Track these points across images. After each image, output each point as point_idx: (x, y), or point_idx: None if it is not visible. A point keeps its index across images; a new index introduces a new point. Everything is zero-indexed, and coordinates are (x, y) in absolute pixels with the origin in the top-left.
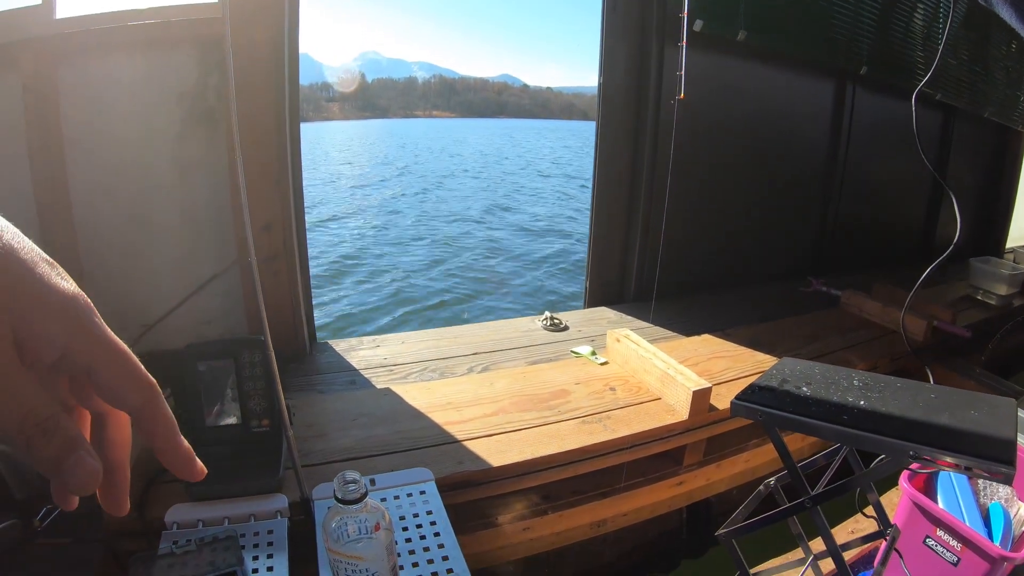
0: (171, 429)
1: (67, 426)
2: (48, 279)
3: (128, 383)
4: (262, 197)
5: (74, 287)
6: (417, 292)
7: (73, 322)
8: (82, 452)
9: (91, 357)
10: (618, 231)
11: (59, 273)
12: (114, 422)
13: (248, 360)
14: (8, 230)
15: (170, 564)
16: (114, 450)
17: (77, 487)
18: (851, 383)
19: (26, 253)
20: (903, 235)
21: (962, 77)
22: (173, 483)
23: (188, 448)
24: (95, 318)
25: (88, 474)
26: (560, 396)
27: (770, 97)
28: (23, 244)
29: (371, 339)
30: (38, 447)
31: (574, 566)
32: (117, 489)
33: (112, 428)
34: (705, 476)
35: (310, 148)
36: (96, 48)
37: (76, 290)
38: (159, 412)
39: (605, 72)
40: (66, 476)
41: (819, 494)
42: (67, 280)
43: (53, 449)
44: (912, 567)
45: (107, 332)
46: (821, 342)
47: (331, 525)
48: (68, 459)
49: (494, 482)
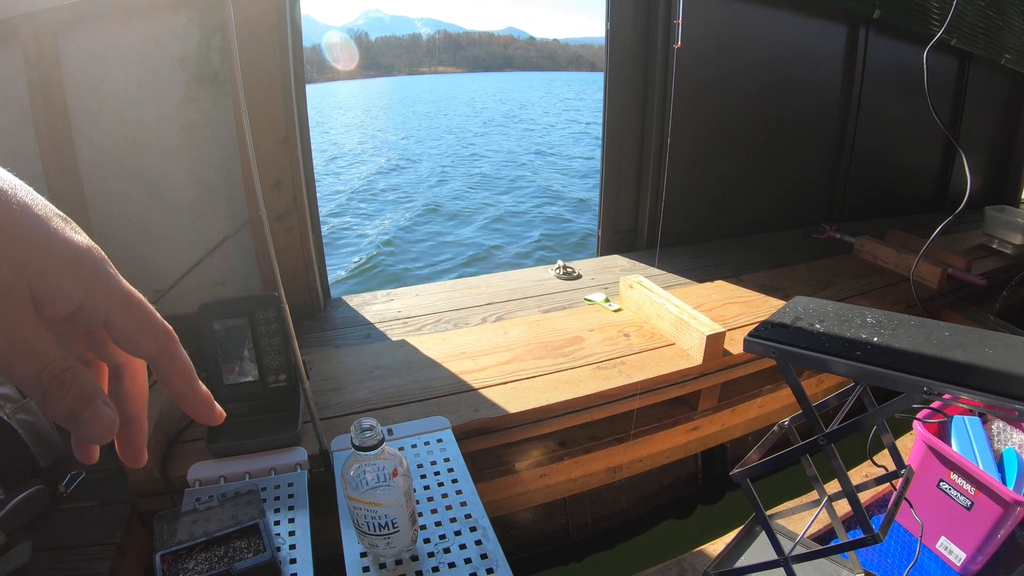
0: (189, 374)
1: (84, 378)
2: (62, 233)
3: (144, 331)
4: (270, 155)
5: (87, 240)
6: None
7: (88, 274)
8: (99, 403)
9: (107, 308)
10: (629, 179)
11: (73, 227)
12: (130, 374)
13: (263, 317)
14: (21, 187)
15: (193, 520)
16: (131, 402)
17: (94, 438)
18: (864, 320)
19: (40, 209)
20: (917, 182)
21: (978, 23)
22: (194, 442)
23: (207, 392)
24: (109, 269)
25: (105, 425)
26: (574, 343)
27: (782, 42)
28: (36, 200)
29: (385, 293)
30: (55, 399)
31: (590, 512)
32: (134, 440)
33: (129, 380)
34: (720, 421)
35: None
36: (96, 17)
37: (90, 243)
38: (176, 358)
39: (613, 20)
40: (83, 427)
41: (833, 431)
42: (80, 234)
43: (69, 401)
44: (925, 511)
45: (121, 282)
46: (834, 288)
47: (349, 473)
48: (85, 410)
49: (510, 429)
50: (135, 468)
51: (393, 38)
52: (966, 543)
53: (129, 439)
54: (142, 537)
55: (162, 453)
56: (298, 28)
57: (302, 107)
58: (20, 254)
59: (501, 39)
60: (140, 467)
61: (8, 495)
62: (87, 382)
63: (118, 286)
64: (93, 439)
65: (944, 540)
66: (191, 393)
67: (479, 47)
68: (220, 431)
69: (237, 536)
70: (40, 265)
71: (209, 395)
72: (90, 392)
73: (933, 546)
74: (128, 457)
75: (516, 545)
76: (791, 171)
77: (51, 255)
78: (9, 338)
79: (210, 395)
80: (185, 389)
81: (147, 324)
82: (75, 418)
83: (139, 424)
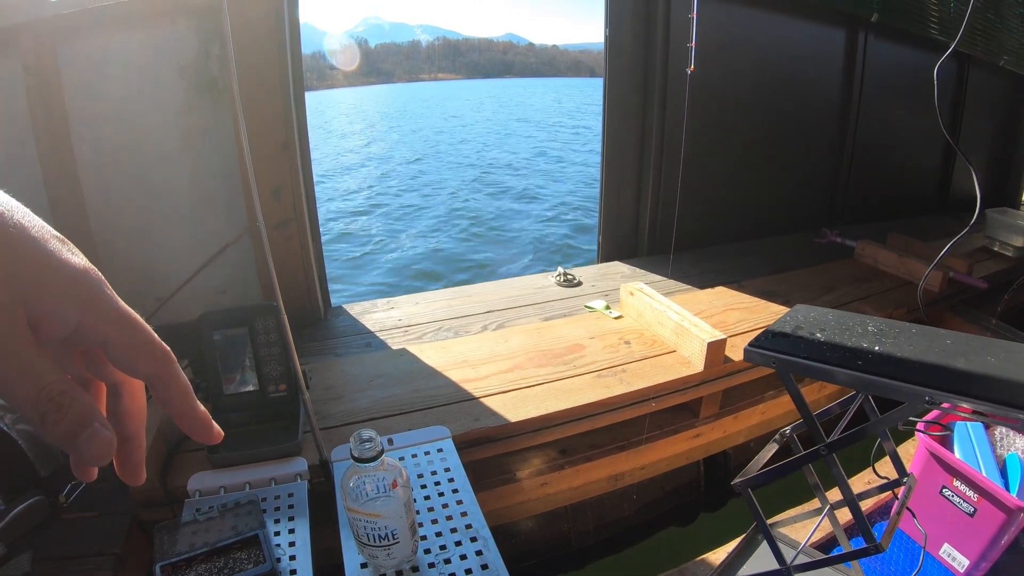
0: (187, 394)
1: (81, 400)
2: (59, 255)
3: (142, 352)
4: (269, 163)
5: (84, 261)
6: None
7: (85, 296)
8: (96, 425)
9: (104, 329)
10: (630, 185)
11: (70, 249)
12: (128, 393)
13: (263, 326)
14: (18, 209)
15: (194, 531)
16: (129, 421)
17: (92, 459)
18: (865, 329)
19: (36, 231)
20: (918, 184)
21: (977, 24)
22: (194, 452)
23: (204, 412)
24: (106, 290)
25: (102, 446)
26: (575, 351)
27: (780, 46)
28: (33, 223)
29: (385, 301)
30: (53, 422)
31: (592, 520)
32: (133, 458)
33: (127, 399)
34: (722, 428)
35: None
36: (95, 25)
37: (86, 264)
38: (174, 378)
39: (611, 25)
40: (81, 449)
41: (834, 441)
42: (77, 255)
43: (67, 423)
44: (928, 518)
45: (118, 303)
46: (836, 293)
47: (349, 484)
48: (82, 433)
49: (511, 437)
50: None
51: (392, 45)
52: (969, 550)
53: (128, 457)
54: (142, 547)
55: (162, 463)
56: (297, 33)
57: (301, 113)
58: (17, 276)
59: (500, 45)
60: (139, 484)
61: (8, 505)
62: (84, 404)
63: (115, 307)
64: (91, 460)
65: (947, 547)
66: (189, 413)
67: (478, 53)
68: (220, 441)
69: (237, 547)
70: (37, 287)
71: (207, 414)
72: (87, 414)
73: (936, 553)
74: (127, 475)
75: (517, 554)
76: (791, 175)
77: (48, 277)
78: (6, 360)
79: (208, 414)
80: (183, 409)
81: (144, 345)
82: (73, 440)
83: (137, 442)
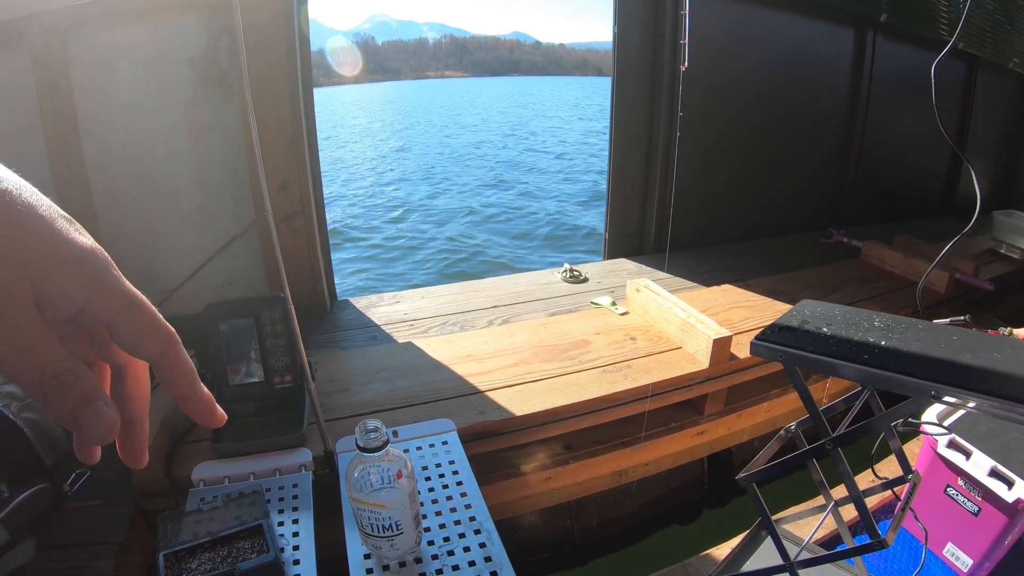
0: (191, 376)
1: (85, 378)
2: (66, 234)
3: (147, 333)
4: (277, 156)
5: (91, 241)
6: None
7: (91, 276)
8: (100, 404)
9: (110, 310)
10: (636, 183)
11: (77, 229)
12: (133, 375)
13: (269, 317)
14: (26, 188)
15: (197, 520)
16: (133, 403)
17: (95, 438)
18: (872, 324)
19: (44, 210)
20: (925, 186)
21: (985, 26)
22: (199, 442)
23: (208, 395)
24: (113, 271)
25: (106, 425)
26: (580, 346)
27: (788, 46)
28: (41, 201)
29: (391, 295)
30: (57, 400)
31: (596, 516)
32: (136, 441)
33: (131, 381)
34: (726, 425)
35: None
36: (103, 19)
37: (93, 244)
38: (178, 360)
39: (620, 24)
40: (84, 428)
41: (840, 436)
42: (84, 235)
43: (71, 401)
44: (932, 516)
45: (124, 284)
46: (842, 292)
47: (354, 474)
48: (86, 411)
49: (515, 432)
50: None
51: (399, 42)
52: (973, 549)
53: (130, 440)
54: (146, 537)
55: (167, 453)
56: (305, 29)
57: (309, 108)
58: (24, 255)
59: (507, 43)
60: (141, 468)
61: (12, 493)
62: (88, 383)
63: (121, 288)
64: (94, 439)
65: (951, 546)
66: (193, 395)
67: (485, 51)
68: (225, 432)
69: (241, 536)
70: (44, 266)
71: (211, 397)
72: (91, 393)
73: (940, 552)
74: (129, 458)
75: (521, 548)
76: (798, 175)
77: (55, 256)
78: (11, 339)
79: (211, 397)
80: (187, 391)
81: (150, 326)
82: (76, 418)
83: (140, 425)
